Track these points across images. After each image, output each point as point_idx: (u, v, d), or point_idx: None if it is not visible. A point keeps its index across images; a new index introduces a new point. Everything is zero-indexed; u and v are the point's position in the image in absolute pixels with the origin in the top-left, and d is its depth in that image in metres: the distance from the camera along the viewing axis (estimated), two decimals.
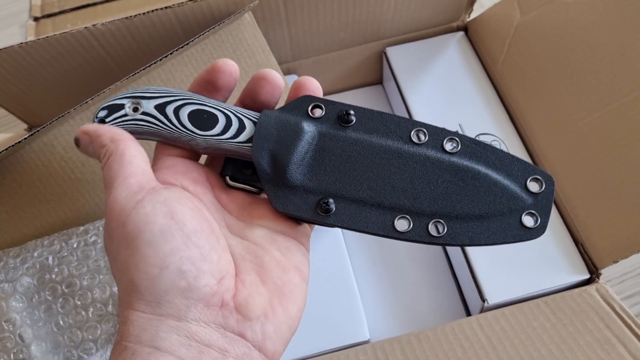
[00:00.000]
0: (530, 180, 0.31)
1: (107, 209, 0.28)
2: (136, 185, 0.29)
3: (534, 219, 0.30)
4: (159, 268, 0.26)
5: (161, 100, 0.32)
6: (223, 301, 0.27)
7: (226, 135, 0.32)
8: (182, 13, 0.50)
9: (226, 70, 0.32)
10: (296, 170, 0.31)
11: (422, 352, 0.45)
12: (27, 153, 0.46)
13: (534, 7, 0.58)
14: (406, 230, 0.30)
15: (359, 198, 0.31)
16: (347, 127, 0.32)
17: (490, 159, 0.31)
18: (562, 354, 0.43)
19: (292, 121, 0.32)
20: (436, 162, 0.31)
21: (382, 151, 0.31)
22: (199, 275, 0.27)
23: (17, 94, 0.56)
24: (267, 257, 0.30)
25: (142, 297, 0.26)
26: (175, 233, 0.27)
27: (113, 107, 0.32)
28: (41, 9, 0.72)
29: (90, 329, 0.43)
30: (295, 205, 0.31)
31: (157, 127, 0.32)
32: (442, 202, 0.30)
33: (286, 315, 0.29)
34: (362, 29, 0.62)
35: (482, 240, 0.30)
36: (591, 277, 0.49)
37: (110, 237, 0.28)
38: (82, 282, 0.44)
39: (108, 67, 0.55)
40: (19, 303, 0.44)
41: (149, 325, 0.26)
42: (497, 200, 0.30)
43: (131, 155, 0.30)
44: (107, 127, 0.32)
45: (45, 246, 0.46)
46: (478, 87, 0.61)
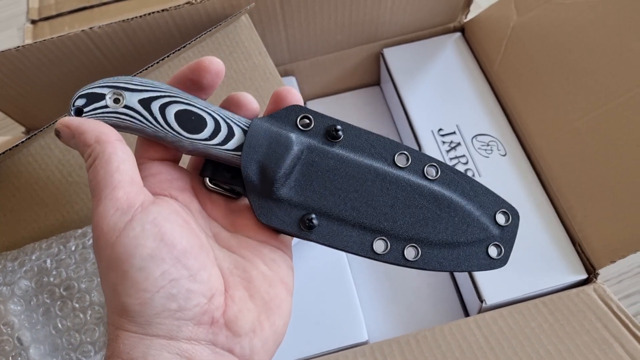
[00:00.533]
0: (499, 212, 0.32)
1: (94, 223, 0.28)
2: (124, 201, 0.28)
3: (499, 250, 0.32)
4: (149, 293, 0.26)
5: (146, 95, 0.30)
6: (213, 319, 0.27)
7: (214, 141, 0.31)
8: (178, 16, 0.50)
9: (212, 70, 0.31)
10: (283, 184, 0.31)
11: (420, 353, 0.45)
12: (24, 156, 0.46)
13: (531, 7, 0.58)
14: (383, 252, 0.31)
15: (341, 217, 0.32)
16: (335, 142, 0.32)
17: (465, 188, 0.32)
18: (560, 354, 0.43)
19: (283, 134, 0.31)
20: (416, 188, 0.32)
21: (366, 171, 0.32)
22: (189, 297, 0.27)
23: (14, 97, 0.56)
24: (254, 271, 0.30)
25: (133, 320, 0.26)
26: (165, 256, 0.27)
27: (92, 95, 0.30)
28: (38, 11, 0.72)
29: (89, 331, 0.44)
30: (279, 218, 0.32)
31: (141, 123, 0.30)
32: (418, 228, 0.31)
33: (272, 329, 0.29)
34: (359, 31, 0.62)
35: (451, 267, 0.31)
36: (589, 277, 0.49)
37: (99, 254, 0.27)
38: (80, 285, 0.44)
39: (105, 69, 0.55)
40: (17, 306, 0.44)
41: (140, 344, 0.26)
42: (468, 230, 0.32)
43: (119, 161, 0.28)
44: (93, 123, 0.29)
45: (44, 249, 0.46)
46: (475, 87, 0.61)
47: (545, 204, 0.53)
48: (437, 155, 0.57)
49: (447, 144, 0.58)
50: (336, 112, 0.69)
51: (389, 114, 0.70)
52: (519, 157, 0.56)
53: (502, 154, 0.56)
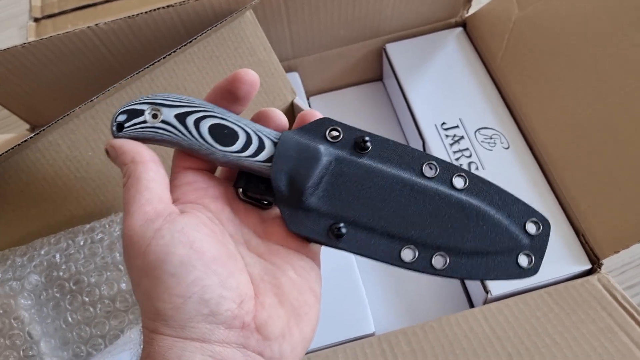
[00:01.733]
0: (529, 221, 0.32)
1: (123, 235, 0.29)
2: (152, 213, 0.29)
3: (529, 259, 0.31)
4: (182, 298, 0.27)
5: (182, 110, 0.32)
6: (244, 323, 0.28)
7: (246, 153, 0.32)
8: (184, 11, 0.51)
9: (247, 81, 0.32)
10: (312, 194, 0.32)
11: (427, 343, 0.45)
12: (32, 152, 0.46)
13: (532, 1, 0.58)
14: (411, 261, 0.31)
15: (369, 226, 0.32)
16: (363, 154, 0.33)
17: (494, 198, 0.32)
18: (566, 343, 0.43)
19: (312, 146, 0.32)
20: (444, 197, 0.32)
21: (394, 182, 0.32)
22: (220, 302, 0.28)
23: (19, 94, 0.56)
24: (284, 278, 0.31)
25: (167, 324, 0.27)
26: (196, 263, 0.28)
27: (132, 112, 0.32)
28: (41, 9, 0.72)
29: (99, 325, 0.44)
30: (308, 227, 0.32)
31: (177, 136, 0.32)
32: (446, 237, 0.31)
33: (301, 335, 0.30)
34: (362, 26, 0.63)
35: (480, 275, 0.31)
36: (593, 268, 0.49)
37: (131, 263, 0.29)
38: (89, 279, 0.45)
39: (111, 66, 0.55)
40: (27, 300, 0.44)
41: (175, 346, 0.27)
42: (497, 239, 0.31)
43: (149, 180, 0.30)
44: (131, 145, 0.31)
45: (52, 244, 0.46)
46: (477, 81, 0.62)
47: (549, 195, 0.53)
48: (440, 149, 0.57)
49: (450, 137, 0.58)
50: (339, 107, 0.69)
51: (392, 108, 0.70)
52: (522, 150, 0.57)
53: (505, 146, 0.57)
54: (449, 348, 0.45)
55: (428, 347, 0.45)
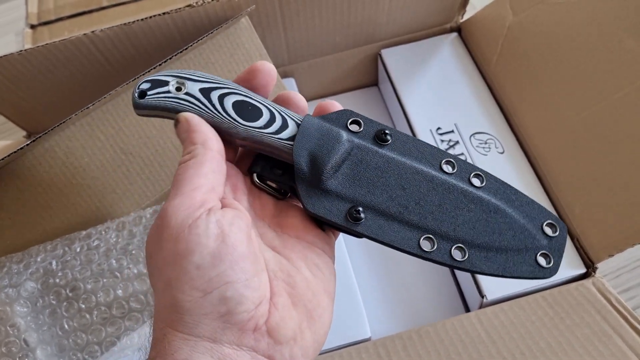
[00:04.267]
0: (546, 224, 0.32)
1: (163, 214, 0.28)
2: (199, 201, 0.28)
3: (547, 259, 0.31)
4: (202, 292, 0.27)
5: (207, 85, 0.32)
6: (256, 326, 0.28)
7: (269, 130, 0.32)
8: (179, 19, 0.51)
9: (265, 70, 0.33)
10: (332, 176, 0.32)
11: (423, 348, 0.45)
12: (28, 159, 0.46)
13: (526, 7, 0.59)
14: (430, 250, 0.31)
15: (389, 212, 0.32)
16: (384, 145, 0.33)
17: (511, 198, 0.32)
18: (561, 347, 0.44)
19: (334, 130, 0.32)
20: (464, 191, 0.32)
21: (414, 173, 0.32)
22: (240, 302, 0.27)
23: (16, 101, 0.56)
24: (298, 276, 0.31)
25: (182, 318, 0.27)
26: (225, 257, 0.27)
27: (157, 82, 0.32)
28: (38, 16, 0.72)
29: (95, 332, 0.44)
30: (326, 208, 0.32)
31: (199, 109, 0.32)
32: (466, 230, 0.31)
33: (313, 338, 0.30)
34: (357, 32, 0.63)
35: (500, 271, 0.31)
36: (587, 271, 0.50)
37: (159, 245, 0.28)
38: (86, 286, 0.45)
39: (107, 73, 0.55)
40: (24, 308, 0.44)
41: (185, 345, 0.26)
42: (516, 237, 0.31)
43: (210, 170, 0.30)
44: (207, 128, 0.31)
45: (49, 251, 0.47)
46: (472, 86, 0.62)
47: (544, 200, 0.54)
48: None
49: (445, 142, 0.58)
50: None
51: (387, 114, 0.70)
52: (516, 154, 0.57)
53: (500, 151, 0.57)
54: (444, 352, 0.45)
55: (424, 352, 0.45)
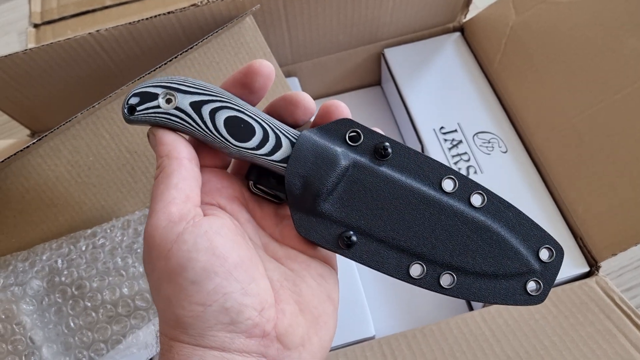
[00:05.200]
0: (543, 247, 0.31)
1: (146, 234, 0.28)
2: (177, 215, 0.28)
3: (538, 285, 0.31)
4: (203, 306, 0.27)
5: (198, 98, 0.30)
6: (264, 331, 0.28)
7: (261, 151, 0.31)
8: (184, 18, 0.51)
9: (263, 73, 0.31)
10: (325, 200, 0.31)
11: (427, 346, 0.46)
12: (34, 158, 0.47)
13: (529, 7, 0.59)
14: (419, 277, 0.31)
15: (380, 238, 0.31)
16: (383, 161, 0.32)
17: (511, 219, 0.31)
18: (565, 345, 0.44)
19: (330, 150, 0.31)
20: (460, 215, 0.31)
21: (411, 194, 0.31)
22: (241, 310, 0.27)
23: (20, 100, 0.57)
24: (303, 285, 0.31)
25: (186, 332, 0.27)
26: (218, 269, 0.27)
27: (145, 95, 0.30)
28: (41, 15, 0.73)
29: (101, 330, 0.44)
30: (318, 233, 0.31)
31: (190, 126, 0.30)
32: (457, 256, 0.31)
33: (320, 344, 0.30)
34: (361, 32, 0.63)
35: (487, 299, 0.31)
36: (591, 270, 0.50)
37: (152, 265, 0.28)
38: (91, 284, 0.45)
39: (111, 72, 0.55)
40: (29, 306, 0.44)
41: (193, 355, 0.26)
42: (508, 263, 0.31)
43: (180, 178, 0.29)
44: (171, 138, 0.30)
45: (54, 249, 0.47)
46: (475, 86, 0.62)
47: (547, 199, 0.54)
48: (439, 153, 0.58)
49: (449, 141, 0.58)
50: None
51: (391, 113, 0.71)
52: (519, 154, 0.57)
53: (503, 150, 0.57)
54: (448, 351, 0.45)
55: (428, 350, 0.45)
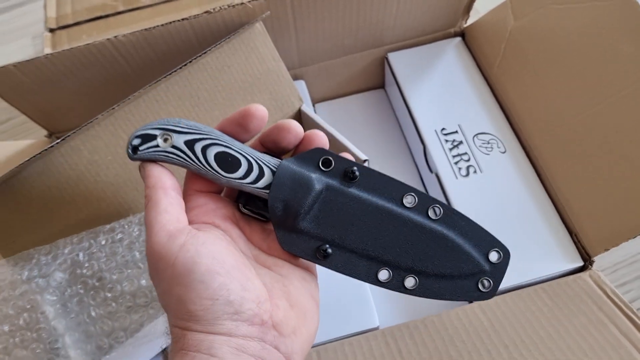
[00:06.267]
0: (492, 250, 0.36)
1: (149, 251, 0.33)
2: (174, 231, 0.33)
3: (489, 283, 0.36)
4: (211, 300, 0.32)
5: (191, 137, 0.35)
6: (262, 320, 0.33)
7: (247, 180, 0.36)
8: (197, 24, 0.54)
9: (258, 116, 0.36)
10: (303, 219, 0.36)
11: (428, 336, 0.48)
12: (55, 157, 0.49)
13: (527, 12, 0.61)
14: (386, 281, 0.36)
15: (352, 249, 0.36)
16: (352, 183, 0.37)
17: (464, 228, 0.37)
18: (559, 334, 0.46)
19: (305, 176, 0.36)
20: (419, 226, 0.36)
21: (376, 210, 0.36)
22: (242, 303, 0.32)
23: (40, 102, 0.59)
24: (291, 286, 0.36)
25: (199, 322, 0.32)
26: (219, 270, 0.32)
27: (146, 136, 0.35)
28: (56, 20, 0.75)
29: (120, 319, 0.47)
30: (298, 247, 0.37)
31: (185, 161, 0.35)
32: (418, 261, 0.36)
33: (307, 334, 0.35)
34: (366, 36, 0.66)
35: (446, 296, 0.36)
36: (585, 265, 0.52)
37: (160, 275, 0.33)
38: (111, 276, 0.47)
39: (127, 76, 0.58)
40: (53, 296, 0.47)
41: (205, 339, 0.31)
42: (462, 265, 0.36)
43: (166, 204, 0.34)
44: (156, 171, 0.35)
45: (75, 243, 0.49)
46: (475, 89, 0.65)
47: (543, 197, 0.56)
48: (440, 153, 0.60)
49: (449, 142, 0.61)
50: (343, 114, 0.72)
51: (393, 115, 0.73)
52: (517, 154, 0.59)
53: (502, 151, 0.60)
54: (449, 340, 0.48)
55: (429, 340, 0.48)
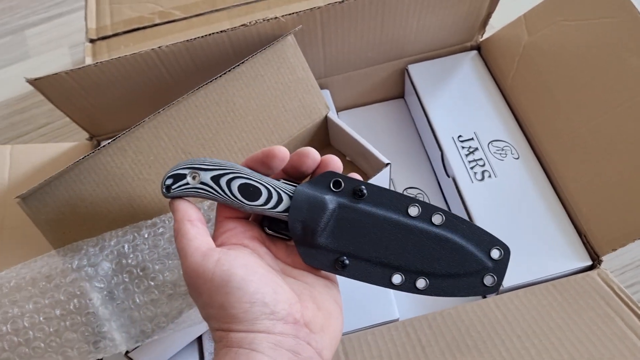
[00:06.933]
0: (494, 248, 0.40)
1: (186, 272, 0.38)
2: (207, 249, 0.38)
3: (493, 279, 0.40)
4: (249, 303, 0.36)
5: (216, 173, 0.40)
6: (295, 319, 0.37)
7: (267, 206, 0.40)
8: (234, 36, 0.58)
9: (279, 156, 0.40)
10: (321, 235, 0.40)
11: (445, 327, 0.52)
12: (103, 156, 0.53)
13: (540, 28, 0.65)
14: (399, 284, 0.41)
15: (366, 258, 0.40)
16: (360, 200, 0.41)
17: (465, 231, 0.41)
18: (568, 327, 0.49)
19: (319, 198, 0.40)
20: (425, 232, 0.40)
21: (385, 221, 0.40)
22: (277, 304, 0.36)
23: (85, 107, 0.64)
24: (316, 292, 0.40)
25: (240, 323, 0.36)
26: (252, 277, 0.36)
27: (177, 176, 0.40)
28: (97, 31, 0.80)
29: (162, 305, 0.51)
30: (318, 261, 0.41)
31: (213, 194, 0.40)
32: (427, 264, 0.40)
33: (334, 332, 0.39)
34: (387, 49, 0.69)
35: (455, 293, 0.40)
36: (593, 264, 0.55)
37: (199, 290, 0.37)
38: (154, 266, 0.51)
39: (167, 84, 0.62)
40: (100, 284, 0.51)
41: (247, 337, 0.35)
42: (467, 264, 0.40)
43: (195, 233, 0.39)
44: (182, 205, 0.40)
45: (120, 236, 0.53)
46: (490, 99, 0.68)
47: (554, 200, 0.60)
48: (457, 159, 0.64)
49: (466, 148, 0.65)
50: (365, 122, 0.76)
51: (412, 123, 0.77)
52: (530, 160, 0.63)
53: (516, 157, 0.63)
54: (465, 331, 0.51)
55: (446, 330, 0.51)
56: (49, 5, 1.04)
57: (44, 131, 0.86)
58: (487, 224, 0.59)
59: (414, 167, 0.72)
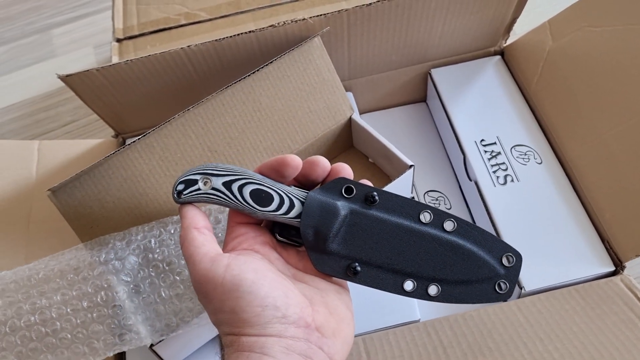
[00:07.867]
0: (505, 256, 0.40)
1: (195, 278, 0.38)
2: (216, 255, 0.38)
3: (505, 285, 0.40)
4: (260, 307, 0.36)
5: (228, 179, 0.40)
6: (307, 323, 0.37)
7: (279, 212, 0.40)
8: (262, 37, 0.59)
9: (293, 165, 0.40)
10: (332, 241, 0.40)
11: (468, 329, 0.52)
12: (132, 152, 0.54)
13: (565, 34, 0.65)
14: (411, 290, 0.40)
15: (378, 264, 0.40)
16: (372, 206, 0.41)
17: (477, 237, 0.41)
18: (591, 330, 0.49)
19: (331, 204, 0.40)
20: (437, 239, 0.40)
21: (397, 228, 0.40)
22: (288, 307, 0.36)
23: (113, 104, 0.65)
24: (328, 297, 0.40)
25: (252, 327, 0.36)
26: (263, 281, 0.36)
27: (188, 181, 0.40)
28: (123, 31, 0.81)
29: (187, 300, 0.51)
30: (330, 267, 0.41)
31: (225, 200, 0.40)
32: (438, 270, 0.40)
33: (346, 337, 0.39)
34: (411, 53, 0.70)
35: (467, 300, 0.40)
36: (616, 270, 0.55)
37: (210, 296, 0.37)
38: (180, 262, 0.52)
39: (194, 82, 0.63)
40: (127, 277, 0.52)
41: (258, 340, 0.35)
42: (479, 271, 0.40)
43: (202, 240, 0.39)
44: (190, 212, 0.40)
45: (147, 231, 0.54)
46: (513, 104, 0.69)
47: (577, 205, 0.60)
48: (480, 163, 0.64)
49: (488, 152, 0.65)
50: (387, 125, 0.76)
51: (434, 127, 0.77)
52: (553, 165, 0.63)
53: (538, 162, 0.63)
54: (487, 333, 0.51)
55: (468, 332, 0.51)
56: (75, 5, 1.06)
57: (68, 129, 0.87)
58: (509, 228, 0.59)
59: (435, 171, 0.72)
